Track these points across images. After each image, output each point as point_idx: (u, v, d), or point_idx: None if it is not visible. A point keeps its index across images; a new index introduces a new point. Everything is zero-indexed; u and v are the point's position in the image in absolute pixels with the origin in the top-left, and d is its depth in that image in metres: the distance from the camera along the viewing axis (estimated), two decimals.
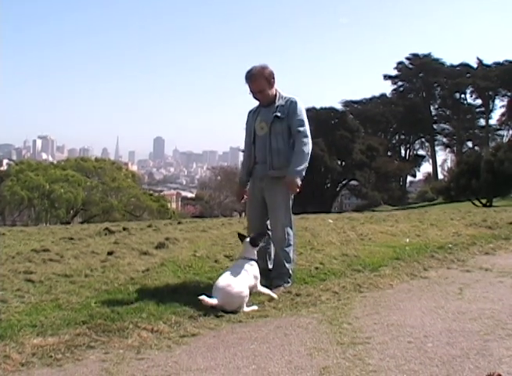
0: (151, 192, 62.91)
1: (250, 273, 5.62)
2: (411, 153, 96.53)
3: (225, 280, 5.35)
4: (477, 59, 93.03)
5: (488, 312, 5.02)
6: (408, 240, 9.57)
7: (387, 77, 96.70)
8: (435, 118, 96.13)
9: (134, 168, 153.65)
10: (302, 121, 6.19)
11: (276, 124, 6.18)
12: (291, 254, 6.35)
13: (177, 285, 6.08)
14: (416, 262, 7.69)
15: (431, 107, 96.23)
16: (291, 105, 6.20)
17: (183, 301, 5.43)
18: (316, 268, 7.02)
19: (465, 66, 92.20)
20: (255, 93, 6.27)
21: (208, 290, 5.56)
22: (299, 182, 6.10)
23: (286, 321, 4.97)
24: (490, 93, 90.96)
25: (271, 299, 5.66)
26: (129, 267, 7.07)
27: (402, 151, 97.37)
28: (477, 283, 6.40)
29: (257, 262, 5.80)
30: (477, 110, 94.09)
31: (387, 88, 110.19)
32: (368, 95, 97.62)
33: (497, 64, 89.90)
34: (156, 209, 51.15)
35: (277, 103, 6.25)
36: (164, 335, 4.57)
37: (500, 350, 4.07)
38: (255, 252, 5.86)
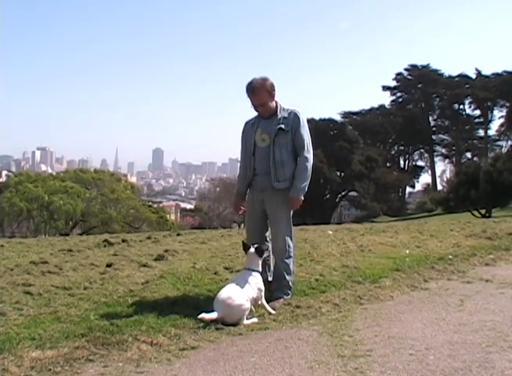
0: (150, 203, 62.88)
1: (254, 285, 5.57)
2: (410, 164, 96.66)
3: (226, 293, 5.30)
4: (476, 69, 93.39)
5: (489, 324, 4.99)
6: (408, 251, 9.54)
7: (385, 88, 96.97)
8: (434, 129, 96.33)
9: (133, 179, 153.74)
10: (306, 135, 6.19)
11: (280, 136, 6.16)
12: (291, 266, 6.32)
13: (176, 297, 6.06)
14: (417, 273, 7.66)
15: (430, 118, 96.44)
16: (295, 118, 6.17)
17: (183, 313, 5.40)
18: (316, 279, 7.00)
19: (464, 76, 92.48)
20: (257, 106, 6.25)
21: (208, 302, 5.55)
22: (302, 198, 6.11)
23: (286, 334, 4.94)
24: (489, 104, 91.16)
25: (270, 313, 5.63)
26: (128, 279, 7.04)
27: (401, 162, 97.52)
28: (477, 295, 6.37)
29: (261, 273, 5.78)
30: (476, 120, 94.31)
31: (386, 99, 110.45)
32: (367, 107, 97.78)
33: (496, 75, 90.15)
34: (155, 221, 51.13)
35: (279, 115, 6.22)
36: (164, 348, 4.53)
37: (503, 362, 4.03)
38: (259, 263, 5.82)
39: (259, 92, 6.13)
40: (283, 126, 6.16)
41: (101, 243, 11.99)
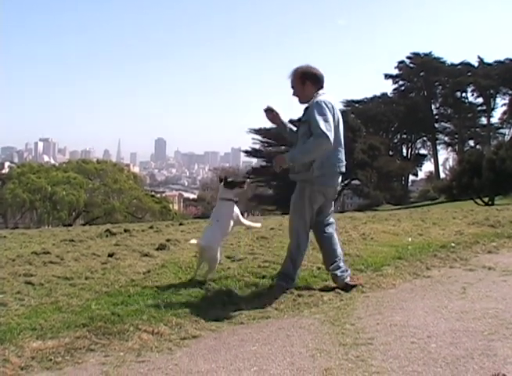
0: (153, 193, 62.92)
1: (229, 215, 6.30)
2: (413, 153, 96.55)
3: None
4: (478, 57, 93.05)
5: (491, 312, 4.97)
6: (410, 239, 9.52)
7: (388, 76, 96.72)
8: (437, 117, 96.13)
9: (136, 169, 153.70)
10: (321, 122, 5.99)
11: (301, 126, 6.14)
12: (298, 257, 6.29)
13: (178, 286, 6.03)
14: (419, 261, 7.64)
15: (433, 106, 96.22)
16: (311, 107, 6.08)
17: (184, 302, 5.39)
18: (318, 268, 6.96)
19: (466, 64, 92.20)
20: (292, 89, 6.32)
21: (209, 291, 5.56)
22: (286, 164, 6.02)
23: (288, 322, 4.93)
24: (491, 92, 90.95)
25: (273, 300, 5.61)
26: (130, 269, 7.03)
27: (404, 150, 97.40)
28: (480, 282, 6.35)
29: (235, 201, 6.42)
30: (479, 108, 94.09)
31: (389, 87, 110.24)
32: (369, 95, 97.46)
33: (498, 62, 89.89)
34: (158, 210, 51.18)
35: (308, 105, 6.20)
36: (165, 337, 4.53)
37: (505, 350, 4.01)
38: (232, 194, 6.46)
39: (290, 77, 6.22)
40: (302, 117, 6.16)
41: (103, 233, 11.97)
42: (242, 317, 5.08)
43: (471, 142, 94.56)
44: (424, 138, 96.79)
